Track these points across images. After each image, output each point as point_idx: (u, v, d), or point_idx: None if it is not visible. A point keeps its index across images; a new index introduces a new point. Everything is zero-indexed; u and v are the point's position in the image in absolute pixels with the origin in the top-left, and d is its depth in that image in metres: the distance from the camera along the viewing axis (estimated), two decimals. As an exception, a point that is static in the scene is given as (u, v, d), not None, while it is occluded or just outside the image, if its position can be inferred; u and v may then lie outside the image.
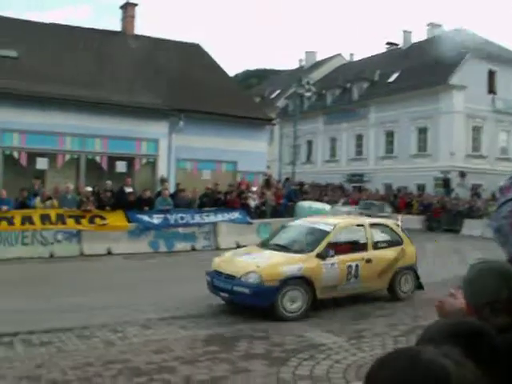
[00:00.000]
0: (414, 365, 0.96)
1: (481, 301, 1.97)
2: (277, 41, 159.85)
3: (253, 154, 24.92)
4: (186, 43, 30.41)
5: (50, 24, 26.76)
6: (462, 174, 37.96)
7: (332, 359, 7.28)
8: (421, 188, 39.56)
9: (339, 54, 61.89)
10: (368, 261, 10.69)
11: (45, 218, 16.87)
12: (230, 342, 8.06)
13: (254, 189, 22.42)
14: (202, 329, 8.80)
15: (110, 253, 17.20)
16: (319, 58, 63.46)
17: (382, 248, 11.27)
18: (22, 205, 17.10)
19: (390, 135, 44.07)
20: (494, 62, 40.04)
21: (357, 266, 10.49)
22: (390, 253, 11.26)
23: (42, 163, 20.85)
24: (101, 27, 28.50)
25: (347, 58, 61.04)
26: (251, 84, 74.65)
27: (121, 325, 8.88)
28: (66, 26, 27.16)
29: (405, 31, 50.43)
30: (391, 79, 44.64)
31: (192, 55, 28.71)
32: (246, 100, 28.54)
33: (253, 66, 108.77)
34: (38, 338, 8.06)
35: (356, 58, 59.94)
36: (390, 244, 11.48)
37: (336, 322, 9.43)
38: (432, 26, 48.23)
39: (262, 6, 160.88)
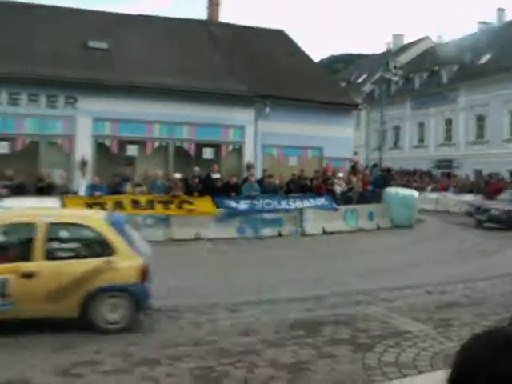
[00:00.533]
0: (508, 345, 0.96)
1: None
2: (363, 25, 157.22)
3: (339, 139, 24.70)
4: (270, 30, 30.46)
5: (137, 15, 27.43)
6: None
7: (418, 347, 7.18)
8: (514, 174, 38.07)
9: (427, 37, 60.18)
10: (27, 275, 7.57)
11: (135, 204, 17.42)
12: (315, 326, 8.10)
13: (341, 175, 22.25)
14: (288, 313, 8.88)
15: (197, 237, 17.56)
16: (406, 40, 61.96)
17: (66, 258, 7.98)
18: (115, 190, 17.74)
19: (480, 119, 42.52)
20: None
21: (3, 281, 7.53)
22: (78, 266, 7.84)
23: (132, 150, 21.53)
24: (183, 16, 28.93)
25: (436, 39, 59.29)
26: (337, 69, 73.84)
27: (208, 307, 9.10)
28: (153, 16, 27.79)
29: (499, 9, 48.25)
30: (483, 61, 42.96)
31: (277, 42, 28.73)
32: (331, 85, 28.32)
33: (338, 51, 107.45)
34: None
35: (445, 40, 58.13)
36: (86, 253, 8.15)
37: (423, 310, 9.28)
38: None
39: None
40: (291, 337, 7.58)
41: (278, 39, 29.28)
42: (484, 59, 42.98)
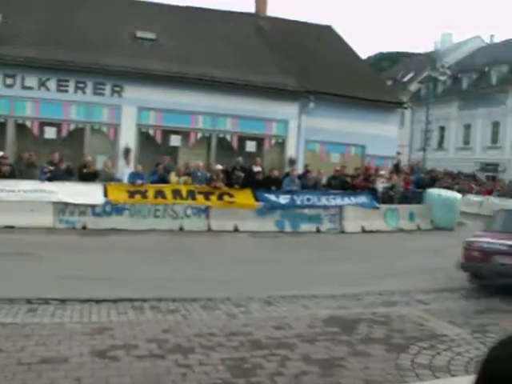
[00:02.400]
0: None
1: None
2: (411, 22, 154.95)
3: (382, 138, 24.48)
4: (317, 25, 30.32)
5: (186, 7, 27.58)
6: None
7: (453, 351, 7.08)
8: (562, 180, 37.20)
9: (478, 36, 59.10)
10: None
11: (176, 193, 17.59)
12: (351, 324, 8.07)
13: (383, 173, 22.06)
14: (323, 309, 8.87)
15: (236, 230, 17.64)
16: (456, 40, 60.97)
17: None
18: (162, 180, 17.94)
19: (530, 123, 41.68)
20: None
21: None
22: None
23: (175, 140, 21.74)
24: (231, 8, 28.95)
25: (487, 39, 58.18)
26: (383, 67, 73.03)
27: (244, 299, 9.14)
28: (200, 8, 27.87)
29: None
30: (534, 63, 42.09)
31: (324, 37, 28.60)
32: (377, 83, 28.05)
33: (386, 49, 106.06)
34: (166, 306, 8.49)
35: (496, 40, 56.99)
36: None
37: (460, 314, 9.15)
38: None
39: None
40: (325, 333, 7.56)
41: (325, 34, 29.14)
42: (536, 62, 42.05)
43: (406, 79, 58.54)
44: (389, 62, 79.16)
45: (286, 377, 5.91)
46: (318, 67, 24.94)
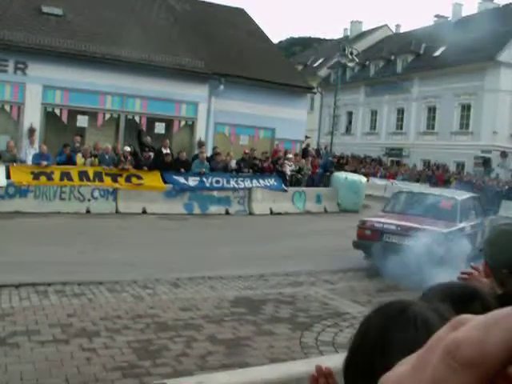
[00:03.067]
0: (401, 314, 1.01)
1: (499, 263, 1.96)
2: (323, 9, 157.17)
3: (291, 121, 24.80)
4: (230, 7, 30.23)
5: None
6: (504, 155, 37.19)
7: (355, 328, 7.30)
8: (460, 166, 39.00)
9: (385, 25, 60.79)
10: None
11: (83, 175, 17.18)
12: (257, 304, 8.19)
13: (291, 156, 22.40)
14: (230, 290, 8.95)
15: (144, 212, 17.46)
16: (364, 28, 62.47)
17: None
18: (69, 160, 17.45)
19: (431, 110, 43.34)
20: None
21: None
22: None
23: (82, 121, 21.15)
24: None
25: (393, 29, 59.97)
26: (295, 52, 73.91)
27: (151, 282, 9.09)
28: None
29: (455, 4, 49.04)
30: (437, 53, 43.69)
31: (236, 20, 28.55)
32: (287, 67, 28.32)
33: (297, 34, 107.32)
34: (71, 290, 8.32)
35: (402, 30, 58.84)
36: None
37: (363, 292, 9.49)
38: (484, -1, 46.89)
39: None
40: (232, 313, 7.65)
41: (238, 17, 29.08)
42: (438, 51, 43.69)
43: (316, 64, 59.47)
44: (300, 46, 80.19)
45: (192, 357, 5.94)
46: (229, 50, 24.88)
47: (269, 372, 3.43)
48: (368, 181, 25.89)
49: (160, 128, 22.25)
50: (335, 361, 3.83)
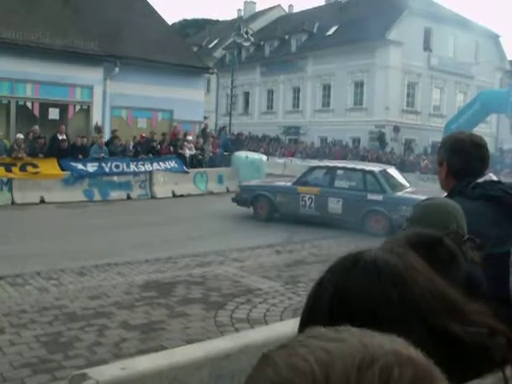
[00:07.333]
0: (355, 263, 0.97)
1: None
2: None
3: (189, 103, 24.58)
4: (122, -12, 29.38)
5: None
6: (396, 129, 38.61)
7: (268, 303, 7.39)
8: (356, 142, 40.13)
9: (278, 5, 61.33)
10: None
11: (-27, 166, 16.30)
12: (167, 287, 8.07)
13: (190, 138, 22.26)
14: (139, 275, 8.77)
15: (42, 201, 16.79)
16: (258, 8, 62.78)
17: None
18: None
19: (326, 88, 44.24)
20: (431, 19, 40.43)
21: None
22: None
23: (-32, 108, 20.04)
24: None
25: (286, 9, 60.58)
26: (188, 34, 73.10)
27: (55, 272, 8.74)
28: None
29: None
30: (330, 32, 44.57)
31: (130, 2, 27.79)
32: (183, 48, 27.96)
33: (190, 16, 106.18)
34: (-31, 285, 7.86)
35: (295, 10, 59.58)
36: None
37: (272, 268, 9.56)
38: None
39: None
40: (143, 298, 7.49)
41: (131, -1, 28.32)
42: (330, 31, 44.58)
43: (211, 46, 59.18)
44: (194, 28, 79.43)
45: (106, 346, 5.76)
46: (123, 31, 24.15)
47: (192, 351, 3.35)
48: (268, 159, 26.12)
49: (54, 114, 21.42)
50: (262, 334, 3.82)
